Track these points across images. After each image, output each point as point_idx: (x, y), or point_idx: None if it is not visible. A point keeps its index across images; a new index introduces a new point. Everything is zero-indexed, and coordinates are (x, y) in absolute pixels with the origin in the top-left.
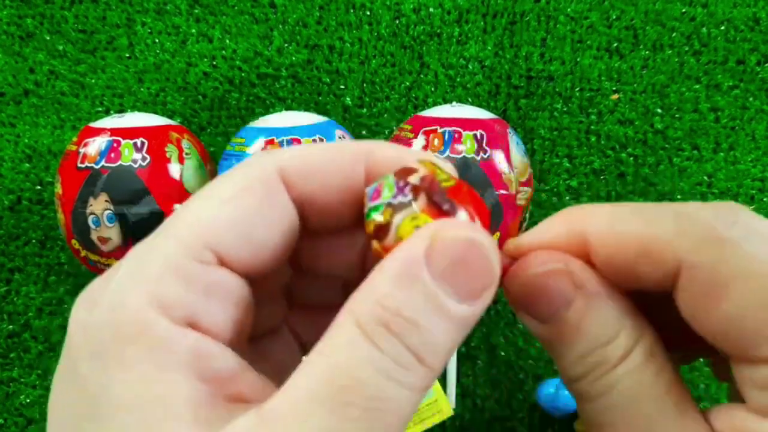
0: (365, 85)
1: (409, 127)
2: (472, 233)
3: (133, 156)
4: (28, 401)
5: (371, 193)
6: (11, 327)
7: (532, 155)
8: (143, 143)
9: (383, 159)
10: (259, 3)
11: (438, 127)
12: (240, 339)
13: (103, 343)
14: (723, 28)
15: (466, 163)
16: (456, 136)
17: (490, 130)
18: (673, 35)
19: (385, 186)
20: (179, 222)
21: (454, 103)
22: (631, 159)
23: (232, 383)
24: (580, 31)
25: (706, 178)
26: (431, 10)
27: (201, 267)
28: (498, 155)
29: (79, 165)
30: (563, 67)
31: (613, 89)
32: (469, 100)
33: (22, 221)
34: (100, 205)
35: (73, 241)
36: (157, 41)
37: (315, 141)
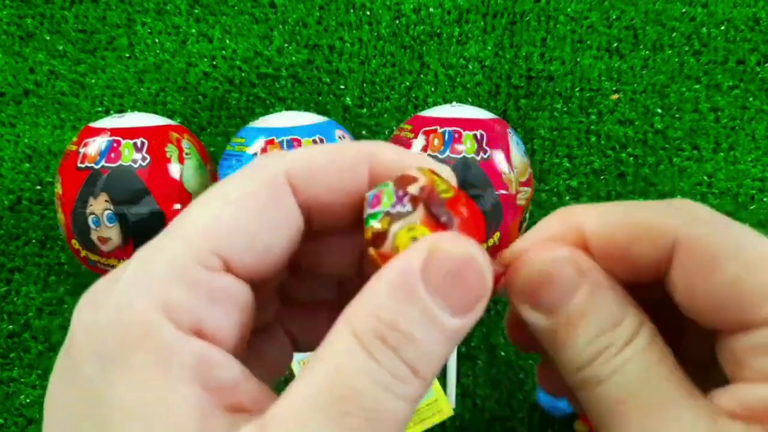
0: (365, 85)
1: (409, 127)
2: (467, 248)
3: (133, 156)
4: (28, 401)
5: (371, 200)
6: (11, 327)
7: (532, 155)
8: (143, 143)
9: (386, 162)
10: (259, 3)
11: (438, 127)
12: (242, 344)
13: (108, 345)
14: (723, 28)
15: (466, 163)
16: (456, 136)
17: (490, 130)
18: (673, 35)
19: (385, 194)
20: (186, 225)
21: (454, 103)
22: (631, 159)
23: (233, 393)
24: (580, 31)
25: (706, 178)
26: (431, 10)
27: (207, 273)
28: (498, 155)
29: (79, 165)
30: (563, 67)
31: (613, 89)
32: (469, 100)
33: (22, 221)
34: (100, 205)
35: (73, 241)
36: (157, 41)
37: (315, 141)
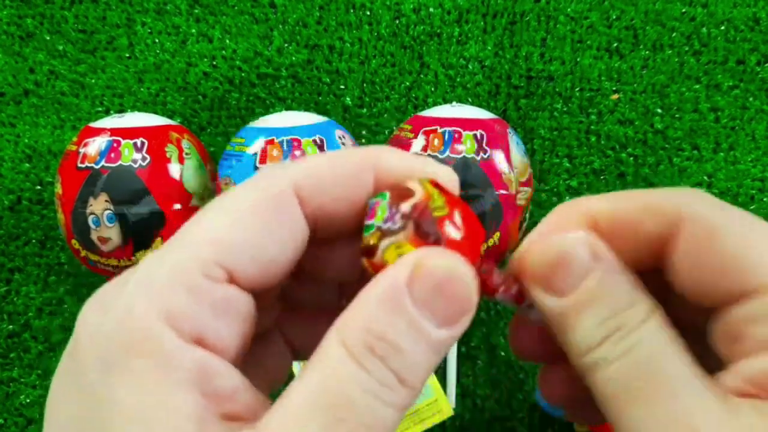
0: (365, 85)
1: (409, 127)
2: (451, 262)
3: (133, 156)
4: (28, 401)
5: (369, 210)
6: (11, 327)
7: (532, 155)
8: (143, 143)
9: (390, 167)
10: (259, 3)
11: (438, 127)
12: (242, 354)
13: (111, 351)
14: (723, 28)
15: (466, 163)
16: (456, 136)
17: (490, 130)
18: (673, 35)
19: (380, 207)
20: (193, 234)
21: (454, 103)
22: (631, 159)
23: (230, 401)
24: (580, 31)
25: (706, 178)
26: (431, 10)
27: (211, 283)
28: (498, 155)
29: (79, 165)
30: (563, 67)
31: (613, 89)
32: (469, 100)
33: (22, 221)
34: (100, 205)
35: (73, 241)
36: (157, 41)
37: (315, 141)
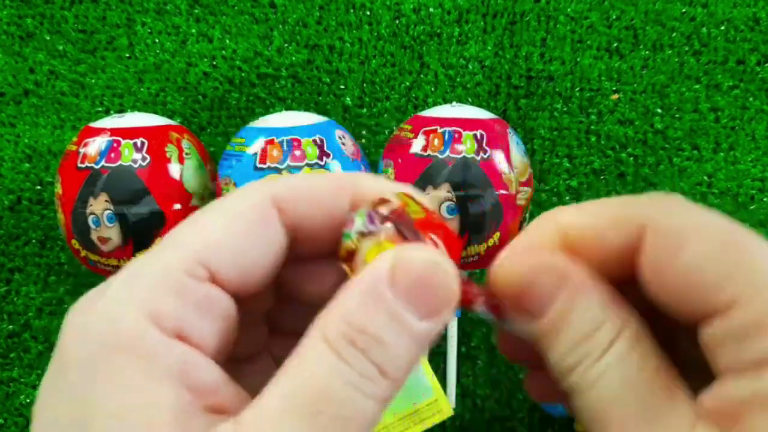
0: (365, 85)
1: (409, 127)
2: (431, 256)
3: (133, 156)
4: (28, 401)
5: (347, 221)
6: (11, 327)
7: (532, 155)
8: (143, 143)
9: (366, 189)
10: (259, 3)
11: (438, 127)
12: (224, 354)
13: (94, 350)
14: (723, 28)
15: (466, 163)
16: (456, 136)
17: (490, 130)
18: (673, 35)
19: (357, 215)
20: (176, 238)
21: (454, 103)
22: (631, 159)
23: (213, 395)
24: (580, 31)
25: (706, 178)
26: (431, 10)
27: (193, 282)
28: (498, 155)
29: (79, 165)
30: (563, 67)
31: (613, 89)
32: (469, 100)
33: (22, 221)
34: (100, 205)
35: (73, 241)
36: (157, 41)
37: (315, 141)
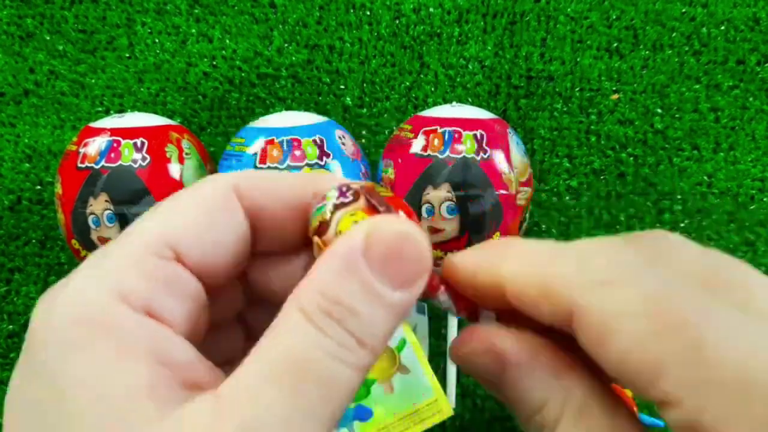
0: (365, 85)
1: (409, 127)
2: (405, 226)
3: (133, 156)
4: None
5: (316, 200)
6: (11, 327)
7: (532, 155)
8: (143, 143)
9: (327, 182)
10: (259, 3)
11: (438, 127)
12: (195, 337)
13: (64, 330)
14: (723, 28)
15: (466, 163)
16: (456, 136)
17: (490, 130)
18: (673, 35)
19: (328, 193)
20: (139, 226)
21: (454, 103)
22: (631, 159)
23: (188, 371)
24: (580, 31)
25: (706, 178)
26: (431, 10)
27: (160, 261)
28: (498, 155)
29: (79, 165)
30: (563, 67)
31: (613, 89)
32: (469, 100)
33: (22, 221)
34: (100, 205)
35: (73, 241)
36: (157, 41)
37: (315, 141)
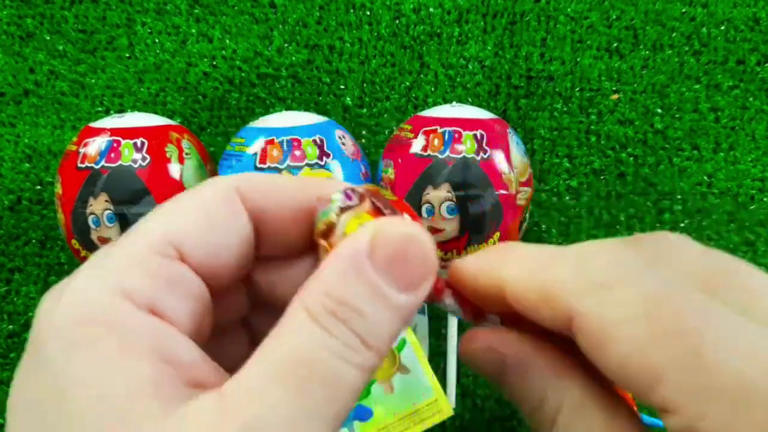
0: (365, 85)
1: (409, 127)
2: (411, 229)
3: (133, 156)
4: None
5: (321, 204)
6: (11, 327)
7: (532, 155)
8: (143, 143)
9: (329, 187)
10: (259, 3)
11: (438, 127)
12: (199, 338)
13: (67, 328)
14: (723, 28)
15: (466, 163)
16: (456, 136)
17: (490, 130)
18: (673, 35)
19: (333, 196)
20: (142, 226)
21: (454, 103)
22: (631, 159)
23: (192, 370)
24: (580, 31)
25: (706, 178)
26: (431, 10)
27: (164, 260)
28: (498, 155)
29: (79, 165)
30: (563, 67)
31: (613, 89)
32: (469, 100)
33: (22, 221)
34: (100, 205)
35: (73, 241)
36: (157, 41)
37: (315, 141)
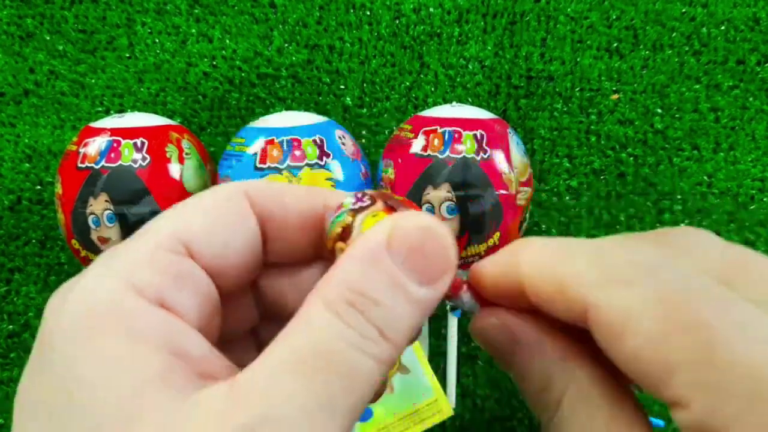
0: (365, 85)
1: (409, 127)
2: (428, 221)
3: (133, 156)
4: None
5: (331, 212)
6: (11, 327)
7: (532, 155)
8: (143, 143)
9: (336, 197)
10: (259, 3)
11: (438, 127)
12: (207, 336)
13: (77, 321)
14: (723, 28)
15: (466, 163)
16: (456, 136)
17: (490, 130)
18: (673, 35)
19: (344, 202)
20: (150, 225)
21: (454, 103)
22: (631, 159)
23: (203, 363)
24: (580, 31)
25: (706, 178)
26: (431, 10)
27: (173, 256)
28: (498, 155)
29: (79, 165)
30: (563, 67)
31: (613, 89)
32: (469, 100)
33: (22, 221)
34: (100, 205)
35: (73, 241)
36: (157, 41)
37: (315, 141)
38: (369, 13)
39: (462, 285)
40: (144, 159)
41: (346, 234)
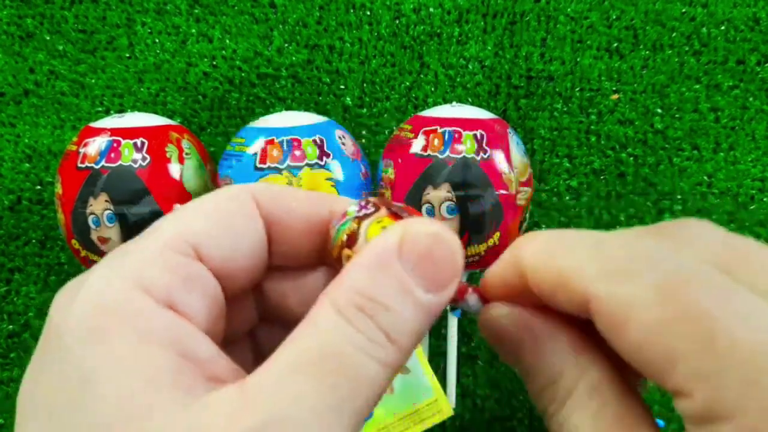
0: (365, 85)
1: (409, 127)
2: (438, 228)
3: (133, 156)
4: None
5: (336, 218)
6: (11, 327)
7: (532, 155)
8: (143, 143)
9: (341, 203)
10: (259, 3)
11: (438, 127)
12: (214, 337)
13: (85, 320)
14: (723, 28)
15: (466, 163)
16: (456, 136)
17: (490, 130)
18: (673, 35)
19: (349, 208)
20: (157, 226)
21: (454, 103)
22: (631, 159)
23: (210, 366)
24: (580, 31)
25: (706, 178)
26: (431, 10)
27: (182, 258)
28: (498, 155)
29: (79, 165)
30: (563, 67)
31: (613, 89)
32: (469, 100)
33: (22, 221)
34: (100, 205)
35: (73, 241)
36: (157, 41)
37: (315, 141)
38: (369, 13)
39: (467, 288)
40: (144, 159)
41: (351, 241)
